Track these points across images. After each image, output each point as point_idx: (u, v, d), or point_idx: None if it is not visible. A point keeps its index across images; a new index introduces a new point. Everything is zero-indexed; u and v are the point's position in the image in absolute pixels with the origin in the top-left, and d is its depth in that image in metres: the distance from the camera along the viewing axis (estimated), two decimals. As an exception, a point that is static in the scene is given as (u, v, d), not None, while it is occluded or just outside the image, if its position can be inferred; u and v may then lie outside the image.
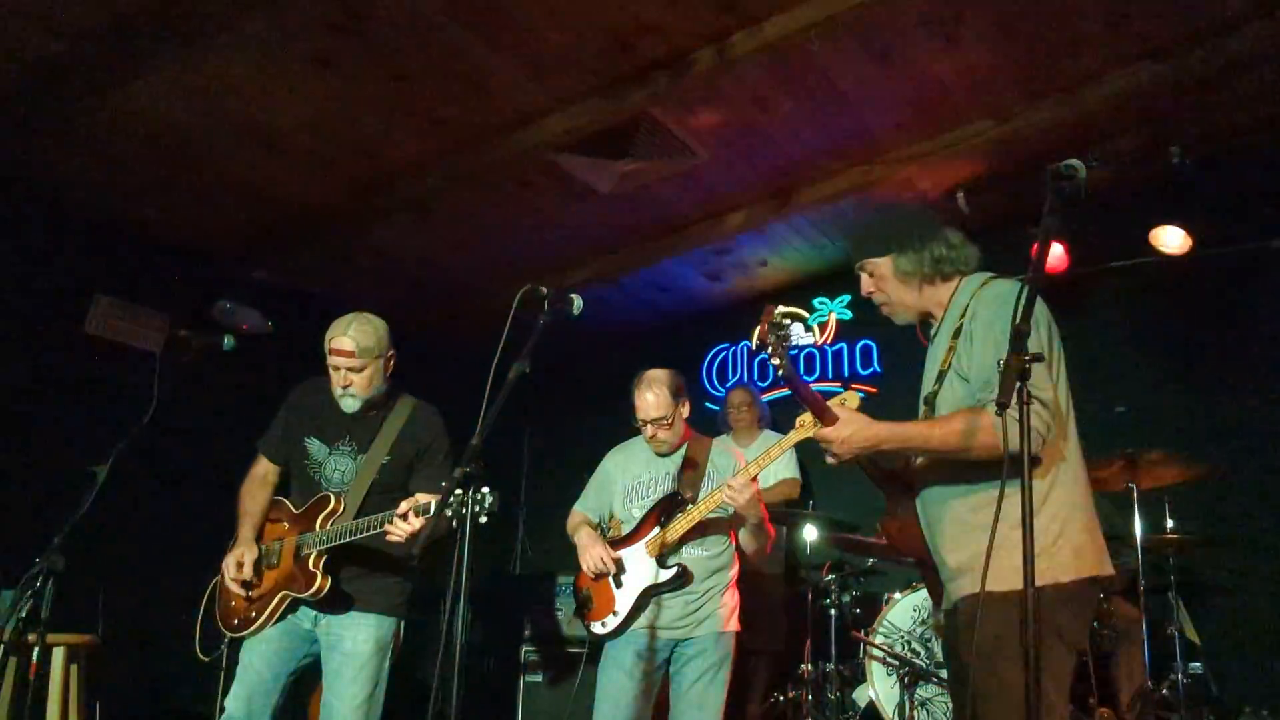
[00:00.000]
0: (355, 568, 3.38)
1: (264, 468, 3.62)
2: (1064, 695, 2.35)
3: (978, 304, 2.51)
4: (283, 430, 3.59)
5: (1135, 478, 4.58)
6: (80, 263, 5.56)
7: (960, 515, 2.48)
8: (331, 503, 3.38)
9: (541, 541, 7.75)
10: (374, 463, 3.42)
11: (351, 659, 3.30)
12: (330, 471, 3.48)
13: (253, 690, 3.30)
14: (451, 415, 3.97)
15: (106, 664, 4.78)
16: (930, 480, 2.60)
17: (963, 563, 2.46)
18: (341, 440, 3.48)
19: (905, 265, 2.65)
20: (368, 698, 3.30)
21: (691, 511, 3.64)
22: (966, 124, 5.20)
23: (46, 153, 4.98)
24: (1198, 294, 5.51)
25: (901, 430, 2.49)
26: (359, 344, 3.32)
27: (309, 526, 3.38)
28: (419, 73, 4.53)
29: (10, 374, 5.18)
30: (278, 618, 3.35)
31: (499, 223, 6.00)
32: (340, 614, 3.35)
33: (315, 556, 3.30)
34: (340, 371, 3.34)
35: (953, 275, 2.67)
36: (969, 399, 2.46)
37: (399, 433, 3.46)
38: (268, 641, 3.36)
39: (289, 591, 3.33)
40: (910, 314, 2.74)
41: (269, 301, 6.11)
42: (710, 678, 3.63)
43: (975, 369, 2.44)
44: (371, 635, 3.34)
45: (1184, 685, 4.43)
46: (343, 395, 3.38)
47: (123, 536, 4.86)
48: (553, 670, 5.67)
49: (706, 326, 7.41)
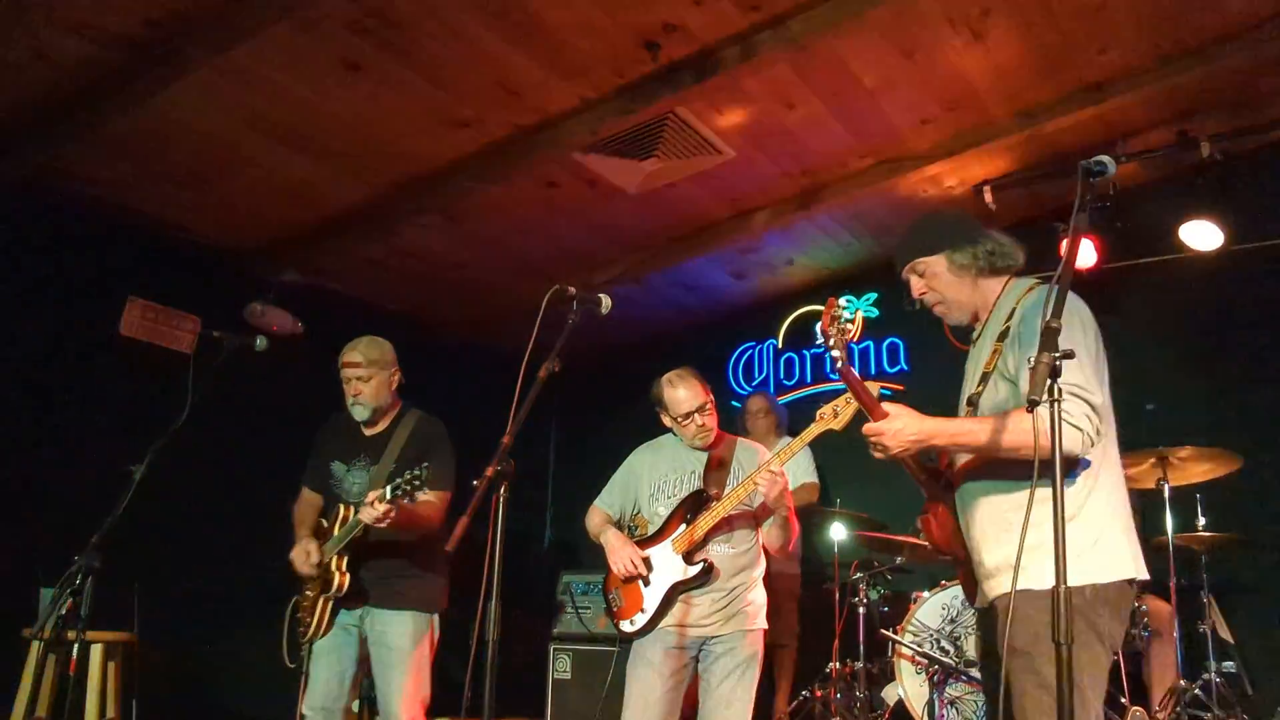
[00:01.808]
0: (388, 568, 3.74)
1: (307, 495, 4.09)
2: (1100, 695, 2.35)
3: (1024, 309, 2.52)
4: (315, 463, 4.05)
5: (1166, 475, 4.55)
6: (113, 265, 5.63)
7: (999, 513, 2.48)
8: (342, 511, 3.80)
9: (568, 538, 7.79)
10: (383, 472, 3.80)
11: (393, 652, 3.67)
12: (350, 485, 3.89)
13: (323, 698, 3.71)
14: (478, 414, 4.04)
15: (142, 661, 4.86)
16: (971, 477, 2.59)
17: (1000, 561, 2.46)
18: (357, 458, 3.91)
19: (961, 259, 2.67)
20: (412, 683, 3.66)
21: (717, 507, 3.65)
22: (993, 120, 5.18)
23: (80, 156, 5.04)
24: (1228, 290, 5.46)
25: (953, 426, 2.50)
26: (366, 357, 3.86)
27: (331, 535, 3.78)
28: (446, 75, 4.57)
29: (47, 375, 5.26)
30: (328, 621, 3.73)
31: (526, 223, 6.03)
32: (382, 611, 3.71)
33: (336, 559, 3.69)
34: (351, 382, 3.85)
35: (1003, 271, 2.70)
36: (1015, 401, 2.46)
37: (404, 442, 3.87)
38: (327, 653, 3.75)
39: (325, 594, 3.70)
40: (964, 311, 2.75)
41: (299, 302, 6.17)
42: (739, 675, 3.63)
43: (1024, 375, 2.43)
44: (408, 630, 3.69)
45: (1217, 684, 4.40)
46: (354, 404, 3.87)
47: (156, 535, 4.93)
48: (581, 668, 5.69)
49: (732, 325, 7.42)
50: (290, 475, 5.28)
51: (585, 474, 4.65)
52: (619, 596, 3.84)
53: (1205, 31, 4.52)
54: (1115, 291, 5.66)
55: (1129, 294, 5.69)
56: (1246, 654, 4.80)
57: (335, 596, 3.67)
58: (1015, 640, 2.32)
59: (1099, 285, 5.49)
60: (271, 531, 5.65)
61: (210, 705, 5.70)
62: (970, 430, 2.47)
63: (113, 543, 3.26)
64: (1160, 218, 5.44)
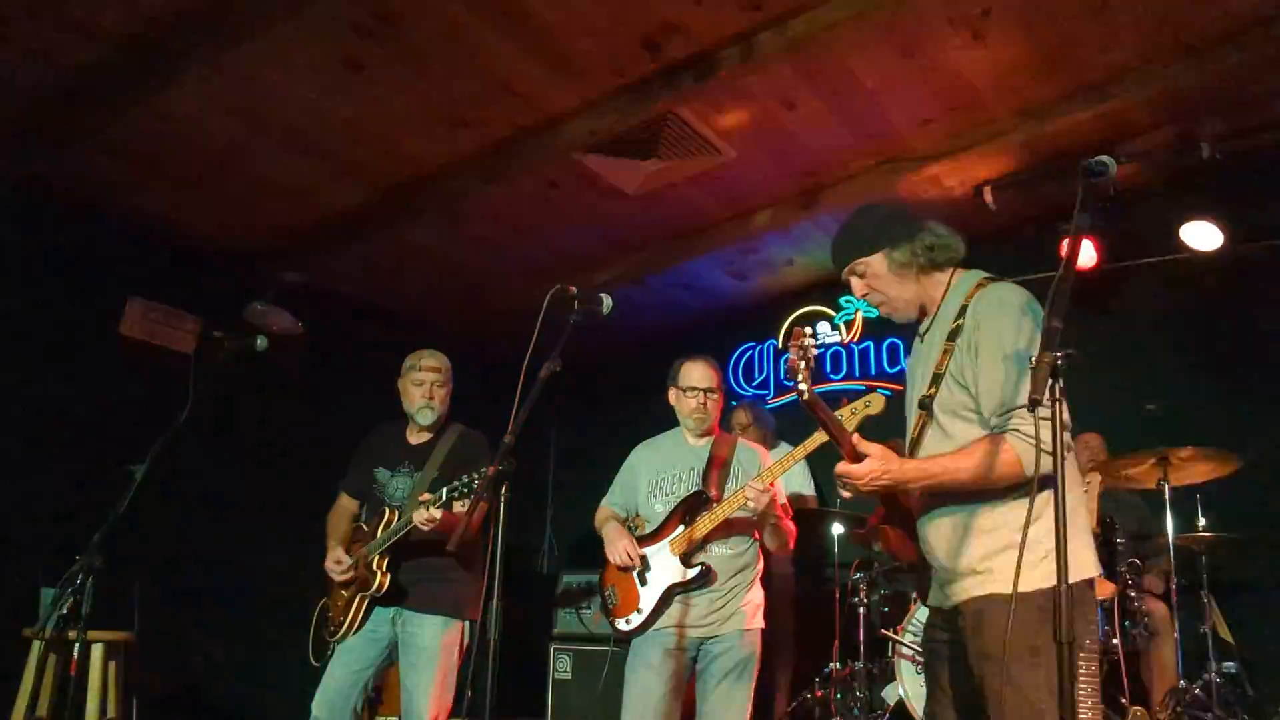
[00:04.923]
0: (425, 571, 3.82)
1: (344, 502, 4.15)
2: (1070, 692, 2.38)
3: (978, 310, 2.48)
4: (357, 469, 4.13)
5: (1166, 475, 4.55)
6: (114, 265, 5.63)
7: (962, 519, 2.47)
8: (387, 514, 3.87)
9: (568, 539, 7.79)
10: (427, 479, 3.89)
11: (422, 653, 3.76)
12: (393, 490, 3.99)
13: (334, 694, 3.77)
14: (479, 414, 4.05)
15: (141, 660, 4.86)
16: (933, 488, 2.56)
17: (964, 566, 2.45)
18: (402, 465, 4.01)
19: (900, 257, 2.60)
20: (438, 686, 3.74)
21: (716, 510, 3.65)
22: (994, 120, 5.18)
23: (81, 156, 5.04)
24: (1229, 290, 5.45)
25: (927, 467, 2.45)
26: (444, 365, 4.02)
27: (373, 537, 3.86)
28: (447, 76, 4.57)
29: (48, 374, 5.26)
30: (360, 620, 3.82)
31: (526, 223, 6.03)
32: (414, 613, 3.80)
33: (378, 559, 3.78)
34: (426, 385, 3.95)
35: (946, 265, 2.63)
36: (972, 409, 2.46)
37: (448, 452, 3.96)
38: (349, 651, 3.83)
39: (363, 593, 3.80)
40: (910, 309, 2.69)
41: (299, 302, 6.17)
42: (737, 675, 3.63)
43: (985, 391, 2.41)
44: (439, 633, 3.78)
45: (1217, 685, 4.40)
46: (423, 407, 3.95)
47: (156, 534, 4.93)
48: (581, 667, 5.70)
49: (732, 325, 7.42)
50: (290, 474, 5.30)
51: (584, 474, 4.66)
52: (614, 594, 3.84)
53: (1206, 32, 4.51)
54: (1115, 291, 5.66)
55: (1129, 294, 5.70)
56: (1247, 654, 4.80)
57: (374, 595, 3.77)
58: (987, 646, 2.33)
59: (1099, 285, 5.50)
60: (273, 530, 5.69)
61: (210, 705, 5.70)
62: (945, 469, 2.42)
63: (111, 542, 3.26)
64: (1161, 218, 5.45)
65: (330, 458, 4.35)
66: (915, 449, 2.61)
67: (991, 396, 2.40)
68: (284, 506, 5.66)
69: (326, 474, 4.28)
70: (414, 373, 3.98)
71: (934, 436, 2.55)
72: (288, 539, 4.83)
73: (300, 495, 4.75)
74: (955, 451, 2.44)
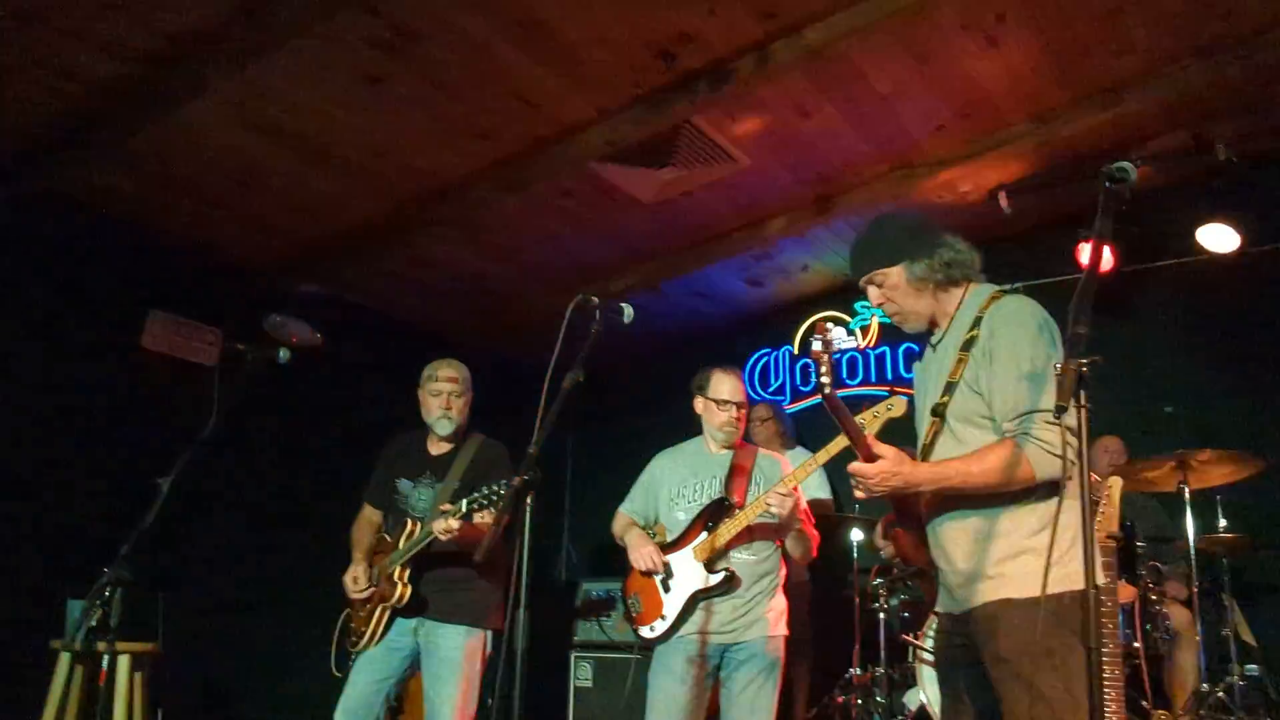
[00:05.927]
0: (446, 582, 3.84)
1: (369, 512, 4.16)
2: (1086, 694, 2.39)
3: (993, 321, 2.50)
4: (379, 480, 4.14)
5: (1186, 478, 4.54)
6: (135, 279, 5.68)
7: (974, 524, 2.48)
8: (409, 526, 3.87)
9: (585, 547, 7.80)
10: (448, 489, 3.91)
11: (445, 663, 3.77)
12: (415, 501, 3.99)
13: (357, 704, 3.78)
14: (499, 423, 4.08)
15: (167, 672, 4.90)
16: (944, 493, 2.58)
17: (976, 570, 2.46)
18: (423, 475, 4.01)
19: (919, 271, 2.62)
20: (462, 696, 3.76)
21: (739, 517, 3.66)
22: (1008, 126, 5.18)
23: (102, 171, 5.10)
24: (1246, 293, 5.44)
25: (940, 471, 2.47)
26: (462, 375, 4.03)
27: (396, 548, 3.87)
28: (464, 88, 4.61)
29: (73, 389, 5.32)
30: (383, 630, 3.83)
31: (543, 233, 6.06)
32: (436, 623, 3.81)
33: (399, 570, 3.80)
34: (443, 396, 3.96)
35: (961, 281, 2.66)
36: (985, 416, 2.47)
37: (469, 462, 3.98)
38: (371, 661, 3.84)
39: (384, 604, 3.81)
40: (921, 321, 2.72)
41: (318, 314, 6.22)
42: (761, 682, 3.64)
43: (999, 398, 2.43)
44: (461, 643, 3.79)
45: (1240, 688, 4.38)
46: (441, 417, 3.96)
47: (181, 546, 4.98)
48: (602, 675, 5.71)
49: (748, 332, 7.42)
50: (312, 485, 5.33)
51: (602, 482, 4.67)
52: (638, 601, 3.85)
53: (1220, 35, 4.51)
54: (1132, 295, 5.65)
55: (1146, 297, 5.69)
56: (1270, 657, 4.78)
57: (395, 606, 3.78)
58: (1001, 650, 2.34)
59: (1116, 288, 5.49)
60: (296, 541, 5.73)
61: (234, 716, 5.74)
62: (958, 472, 2.43)
63: (140, 555, 3.29)
64: (1177, 220, 5.44)
65: (352, 469, 4.39)
66: (928, 455, 2.62)
67: (1005, 401, 2.42)
68: (307, 517, 5.71)
69: (349, 485, 4.31)
70: (431, 383, 4.00)
71: (947, 442, 2.57)
72: (310, 550, 4.87)
73: (323, 506, 4.79)
74: (968, 455, 2.46)
